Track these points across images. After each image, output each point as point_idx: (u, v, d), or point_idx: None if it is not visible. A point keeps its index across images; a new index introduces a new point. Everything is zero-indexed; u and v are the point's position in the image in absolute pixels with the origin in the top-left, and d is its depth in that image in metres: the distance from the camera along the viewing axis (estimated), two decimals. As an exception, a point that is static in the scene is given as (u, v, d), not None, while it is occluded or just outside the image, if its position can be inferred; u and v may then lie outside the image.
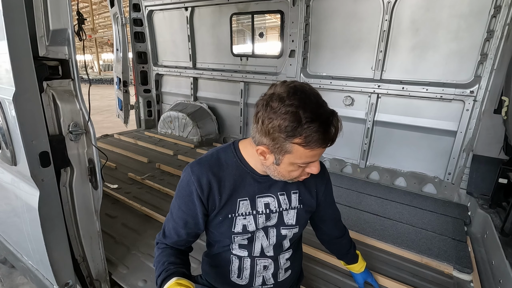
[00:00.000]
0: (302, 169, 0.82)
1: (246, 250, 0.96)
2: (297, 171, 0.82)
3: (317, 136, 0.70)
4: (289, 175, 0.83)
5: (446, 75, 2.52)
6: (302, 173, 0.84)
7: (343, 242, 1.24)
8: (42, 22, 1.08)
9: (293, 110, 0.69)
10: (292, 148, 0.74)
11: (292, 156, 0.76)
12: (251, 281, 0.99)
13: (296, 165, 0.79)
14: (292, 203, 0.95)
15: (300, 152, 0.74)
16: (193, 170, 0.86)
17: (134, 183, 2.67)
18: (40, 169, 1.10)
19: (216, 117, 4.07)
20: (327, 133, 0.72)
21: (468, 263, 1.70)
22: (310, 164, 0.81)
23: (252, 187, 0.90)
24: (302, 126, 0.69)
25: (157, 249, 0.94)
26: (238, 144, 0.92)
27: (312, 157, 0.76)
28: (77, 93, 1.21)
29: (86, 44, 27.33)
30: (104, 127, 6.68)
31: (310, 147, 0.73)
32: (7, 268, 2.08)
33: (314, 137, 0.70)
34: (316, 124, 0.70)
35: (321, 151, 0.76)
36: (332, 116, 0.73)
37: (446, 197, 2.64)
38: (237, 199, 0.89)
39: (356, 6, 2.75)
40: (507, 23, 2.14)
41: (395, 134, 2.86)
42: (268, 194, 0.92)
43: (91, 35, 20.88)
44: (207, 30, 3.87)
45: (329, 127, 0.72)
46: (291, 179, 0.86)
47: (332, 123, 0.72)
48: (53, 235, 1.22)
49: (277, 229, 0.95)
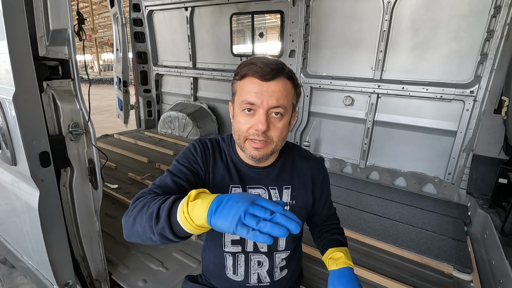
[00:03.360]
0: (250, 122, 0.79)
1: (240, 246, 0.96)
2: (245, 124, 0.80)
3: (250, 65, 0.77)
4: (239, 130, 0.81)
5: (446, 75, 2.52)
6: (249, 130, 0.79)
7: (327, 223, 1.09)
8: (42, 22, 1.08)
9: (242, 62, 0.81)
10: (236, 87, 0.83)
11: (237, 97, 0.82)
12: (247, 278, 0.99)
13: (243, 113, 0.80)
14: (283, 198, 0.95)
15: (239, 88, 0.81)
16: (200, 139, 0.95)
17: (134, 183, 2.67)
18: (40, 169, 1.10)
19: (216, 117, 4.07)
20: (260, 64, 0.76)
21: (468, 263, 1.70)
22: (255, 115, 0.78)
23: (244, 176, 0.92)
24: (242, 65, 0.80)
25: (143, 199, 0.74)
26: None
27: (248, 93, 0.77)
28: (77, 93, 1.21)
29: (86, 44, 27.34)
30: (104, 127, 6.68)
31: (243, 77, 0.79)
32: (7, 268, 2.08)
33: (247, 66, 0.78)
34: (255, 60, 0.78)
35: (256, 87, 0.76)
36: (277, 62, 0.78)
37: (446, 197, 2.64)
38: (230, 185, 0.90)
39: (356, 6, 2.75)
40: (507, 23, 2.14)
41: (395, 134, 2.86)
42: (259, 185, 0.93)
43: (91, 35, 20.88)
44: (207, 30, 3.88)
45: (266, 62, 0.77)
46: (243, 140, 0.82)
47: (272, 62, 0.77)
48: (53, 235, 1.22)
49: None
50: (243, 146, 0.83)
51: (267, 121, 0.78)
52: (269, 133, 0.80)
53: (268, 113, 0.78)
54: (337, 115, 3.10)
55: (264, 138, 0.79)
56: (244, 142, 0.82)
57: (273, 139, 0.81)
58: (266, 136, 0.79)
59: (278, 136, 0.81)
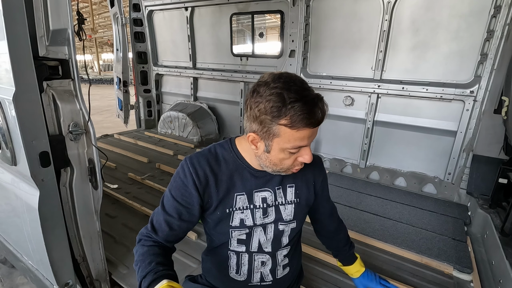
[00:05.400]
0: (294, 157, 0.81)
1: (244, 245, 0.96)
2: (289, 159, 0.81)
3: (302, 115, 0.71)
4: (281, 163, 0.82)
5: (446, 75, 2.52)
6: (295, 162, 0.83)
7: (339, 237, 1.23)
8: (42, 22, 1.08)
9: (278, 91, 0.71)
10: (279, 130, 0.74)
11: (281, 140, 0.76)
12: (250, 277, 0.99)
13: (286, 152, 0.79)
14: (287, 197, 0.95)
15: (287, 134, 0.75)
16: (191, 162, 0.87)
17: (134, 183, 2.67)
18: (40, 169, 1.10)
19: (216, 117, 4.07)
20: (312, 113, 0.72)
21: (468, 263, 1.70)
22: (301, 150, 0.80)
23: (249, 182, 0.91)
24: (286, 106, 0.71)
25: (141, 246, 0.87)
26: (234, 140, 0.94)
27: (300, 140, 0.76)
28: (77, 93, 1.21)
29: (86, 44, 27.33)
30: (104, 127, 6.68)
31: (296, 127, 0.73)
32: (7, 268, 2.08)
33: (300, 116, 0.71)
34: (301, 103, 0.71)
35: (308, 133, 0.76)
36: (317, 98, 0.74)
37: (446, 197, 2.64)
38: (234, 193, 0.90)
39: (356, 6, 2.75)
40: (507, 23, 2.14)
41: (395, 134, 2.86)
42: (265, 188, 0.93)
43: (91, 35, 20.88)
44: (207, 30, 3.88)
45: (314, 107, 0.73)
46: (284, 170, 0.85)
47: (317, 104, 0.73)
48: (53, 235, 1.22)
49: (275, 225, 0.95)
50: (281, 172, 0.88)
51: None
52: None
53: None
54: (337, 115, 3.10)
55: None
56: (285, 172, 0.87)
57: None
58: None
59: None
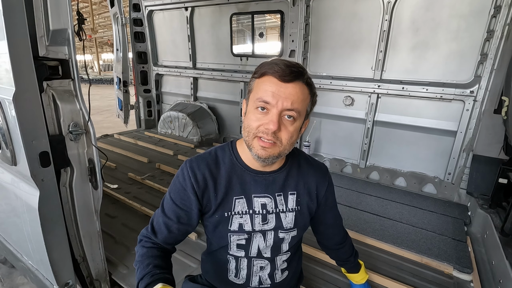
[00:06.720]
0: (260, 121, 0.78)
1: (243, 251, 0.95)
2: (255, 122, 0.78)
3: (271, 65, 0.77)
4: (249, 126, 0.80)
5: (446, 75, 2.52)
6: (259, 128, 0.78)
7: (344, 249, 1.21)
8: (42, 22, 1.08)
9: (263, 62, 0.80)
10: (253, 84, 0.82)
11: (252, 94, 0.81)
12: (248, 281, 0.99)
13: (256, 112, 0.79)
14: (288, 205, 0.94)
15: (256, 84, 0.80)
16: (190, 166, 0.87)
17: (134, 183, 2.67)
18: (40, 169, 1.10)
19: (216, 117, 4.07)
20: (282, 65, 0.76)
21: (468, 263, 1.70)
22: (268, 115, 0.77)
23: (248, 185, 0.90)
24: (263, 64, 0.80)
25: (141, 247, 0.91)
26: (235, 142, 0.93)
27: (264, 91, 0.77)
28: (77, 93, 1.21)
29: (86, 44, 27.33)
30: (104, 127, 6.68)
31: (263, 75, 0.79)
32: (7, 268, 2.08)
33: (269, 65, 0.77)
34: (277, 61, 0.78)
35: (274, 85, 0.76)
36: (298, 65, 0.78)
37: (446, 197, 2.64)
38: (233, 197, 0.89)
39: (356, 6, 2.75)
40: (507, 23, 2.14)
41: (395, 134, 2.86)
42: (265, 194, 0.91)
43: (91, 35, 20.88)
44: (207, 30, 3.87)
45: (287, 65, 0.76)
46: (251, 138, 0.81)
47: (293, 66, 0.77)
48: (53, 235, 1.22)
49: (275, 232, 0.94)
50: (251, 144, 0.81)
51: (279, 122, 0.77)
52: (279, 134, 0.79)
53: (281, 115, 0.77)
54: (337, 115, 3.10)
55: (273, 138, 0.78)
56: (252, 140, 0.81)
57: (282, 141, 0.80)
58: (275, 136, 0.78)
59: (287, 139, 0.80)
